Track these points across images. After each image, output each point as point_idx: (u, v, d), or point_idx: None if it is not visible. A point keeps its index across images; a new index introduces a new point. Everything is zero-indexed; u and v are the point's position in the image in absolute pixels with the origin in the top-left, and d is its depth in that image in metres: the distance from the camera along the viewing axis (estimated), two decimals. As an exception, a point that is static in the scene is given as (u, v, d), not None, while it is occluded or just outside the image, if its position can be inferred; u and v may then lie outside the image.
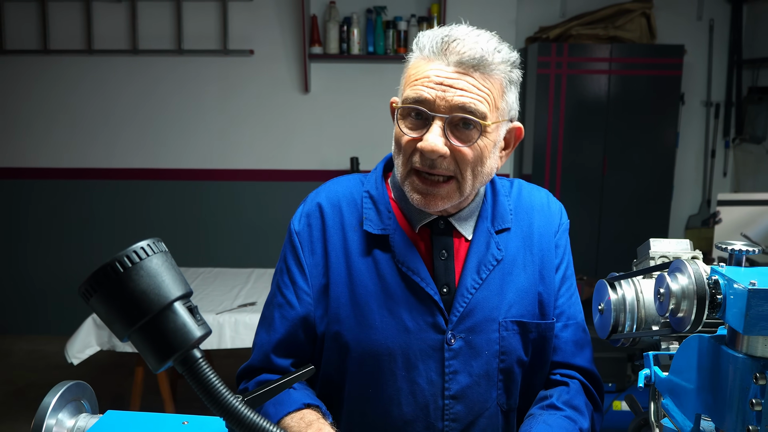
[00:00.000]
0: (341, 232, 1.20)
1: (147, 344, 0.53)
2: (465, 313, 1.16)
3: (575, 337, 1.24)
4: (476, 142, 1.08)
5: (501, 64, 1.10)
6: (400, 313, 1.15)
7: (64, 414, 0.70)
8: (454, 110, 1.07)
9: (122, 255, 0.53)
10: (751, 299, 0.69)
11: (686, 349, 0.83)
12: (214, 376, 0.54)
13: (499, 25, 4.32)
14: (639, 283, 0.99)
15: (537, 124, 4.13)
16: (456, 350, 1.16)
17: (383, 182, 1.24)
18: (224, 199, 4.52)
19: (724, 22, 4.53)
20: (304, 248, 1.21)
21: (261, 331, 1.24)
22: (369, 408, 1.19)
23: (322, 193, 1.25)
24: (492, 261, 1.18)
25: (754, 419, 0.72)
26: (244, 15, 4.32)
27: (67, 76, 4.38)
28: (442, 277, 1.17)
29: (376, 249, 1.18)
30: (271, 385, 0.70)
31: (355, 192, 1.24)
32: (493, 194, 1.25)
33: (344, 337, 1.17)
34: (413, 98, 1.08)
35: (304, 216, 1.23)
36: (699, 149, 4.68)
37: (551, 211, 1.28)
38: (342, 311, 1.17)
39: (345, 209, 1.22)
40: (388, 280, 1.17)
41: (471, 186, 1.12)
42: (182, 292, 0.54)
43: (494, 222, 1.22)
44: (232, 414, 0.54)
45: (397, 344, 1.15)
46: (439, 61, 1.08)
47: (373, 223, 1.19)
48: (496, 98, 1.10)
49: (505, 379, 1.20)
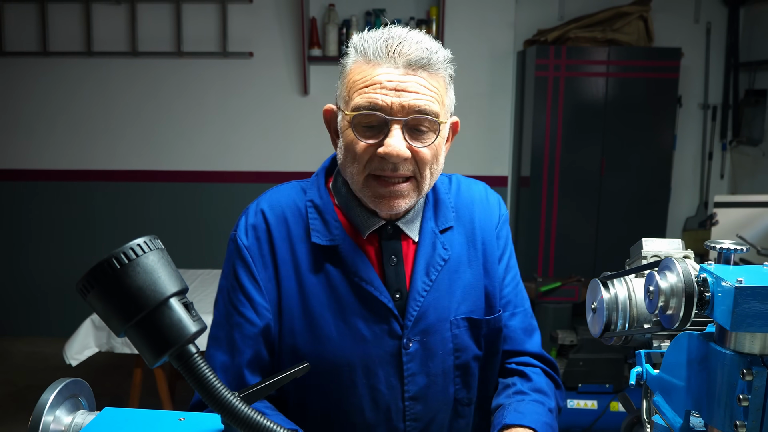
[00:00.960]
0: (288, 244, 1.18)
1: (143, 339, 0.54)
2: (418, 317, 1.18)
3: (523, 324, 1.29)
4: (433, 143, 1.11)
5: (443, 62, 1.12)
6: (355, 323, 1.16)
7: (61, 411, 0.70)
8: (410, 113, 1.08)
9: (119, 252, 0.54)
10: (738, 296, 0.70)
11: (676, 346, 0.84)
12: (210, 371, 0.55)
13: (497, 28, 4.34)
14: (631, 282, 1.00)
15: (535, 127, 4.14)
16: (412, 354, 1.18)
17: (326, 190, 1.23)
18: (224, 200, 4.53)
19: (721, 25, 4.55)
20: (256, 263, 1.17)
21: (217, 354, 1.17)
22: (331, 418, 1.19)
23: (264, 204, 1.22)
24: (439, 261, 1.20)
25: (741, 414, 0.73)
26: (244, 17, 4.33)
27: (67, 78, 4.39)
28: (394, 283, 1.18)
29: (325, 260, 1.17)
30: (266, 382, 0.71)
31: (298, 201, 1.22)
32: (434, 192, 1.26)
33: (300, 351, 1.16)
34: (367, 105, 1.08)
35: (251, 229, 1.19)
36: (696, 151, 4.70)
37: (490, 204, 1.30)
38: (296, 325, 1.16)
39: (290, 220, 1.20)
40: (340, 291, 1.16)
41: (427, 185, 1.14)
42: (178, 288, 0.55)
43: (437, 221, 1.23)
44: (228, 408, 0.55)
45: (356, 354, 1.16)
46: (387, 65, 1.09)
47: (321, 235, 1.17)
48: (443, 96, 1.13)
49: (462, 374, 1.23)
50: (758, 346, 0.74)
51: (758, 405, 0.73)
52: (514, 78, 4.51)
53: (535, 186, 4.16)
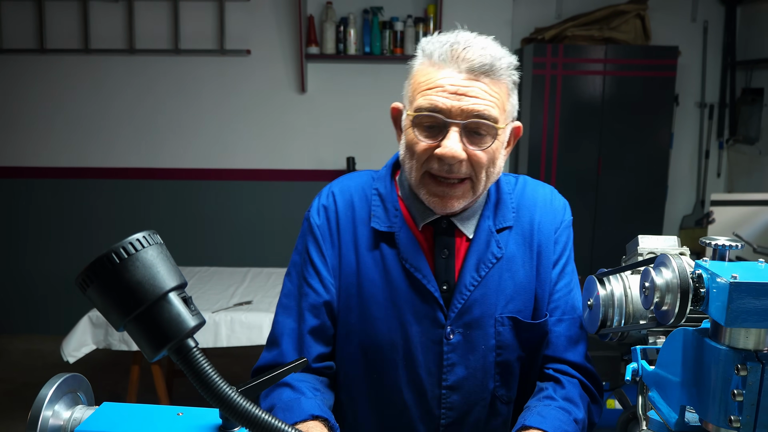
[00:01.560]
0: (352, 226, 1.26)
1: (142, 333, 0.55)
2: (463, 310, 1.21)
3: (569, 332, 1.27)
4: (490, 146, 1.14)
5: (506, 69, 1.15)
6: (402, 306, 1.21)
7: (60, 406, 0.71)
8: (469, 117, 1.11)
9: (118, 246, 0.54)
10: (733, 292, 0.70)
11: (671, 342, 0.85)
12: (209, 365, 0.55)
13: (494, 26, 4.34)
14: (627, 278, 1.01)
15: (532, 125, 4.15)
16: (454, 344, 1.21)
17: (392, 181, 1.29)
18: (221, 198, 4.53)
19: (718, 24, 4.55)
20: (325, 241, 1.26)
21: (286, 321, 1.26)
22: (373, 392, 1.26)
23: (337, 187, 1.31)
24: (491, 259, 1.23)
25: (736, 409, 0.74)
26: (241, 15, 4.33)
27: (64, 76, 4.38)
28: (443, 275, 1.22)
29: (383, 244, 1.24)
30: (265, 377, 0.71)
31: (366, 187, 1.30)
32: (497, 192, 1.28)
33: (351, 326, 1.24)
34: (428, 107, 1.12)
35: (322, 209, 1.28)
36: (693, 150, 4.71)
37: (554, 207, 1.31)
38: (351, 301, 1.24)
39: (357, 204, 1.28)
40: (392, 275, 1.22)
41: (484, 186, 1.18)
42: (177, 282, 0.55)
43: (496, 221, 1.25)
44: (226, 402, 0.55)
45: (399, 336, 1.22)
46: (450, 68, 1.12)
47: (380, 221, 1.25)
48: (504, 102, 1.16)
49: (503, 372, 1.25)
50: (753, 342, 0.74)
51: (753, 400, 0.73)
52: (511, 76, 4.51)
53: (532, 184, 4.16)
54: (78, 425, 0.69)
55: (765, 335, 0.74)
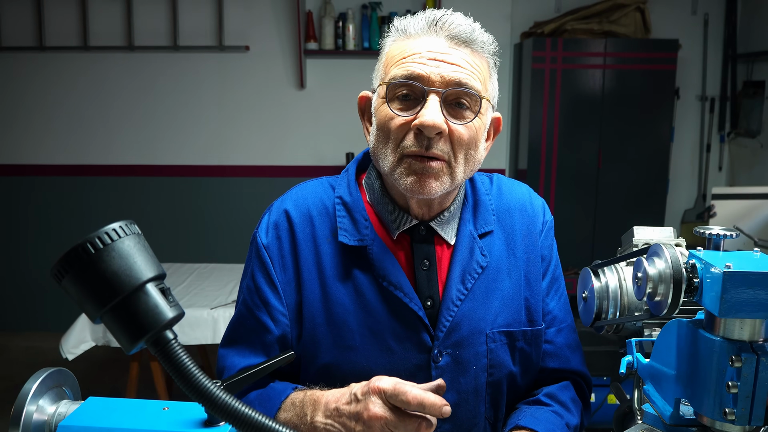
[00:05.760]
0: (313, 245, 1.10)
1: (119, 325, 0.53)
2: (451, 328, 1.07)
3: (568, 340, 1.20)
4: (472, 122, 1.02)
5: (487, 44, 1.07)
6: (382, 332, 1.07)
7: (45, 400, 0.70)
8: (449, 85, 1.00)
9: (93, 236, 0.53)
10: (727, 282, 0.69)
11: (666, 334, 0.84)
12: (187, 358, 0.54)
13: (494, 20, 4.32)
14: (622, 270, 1.00)
15: (532, 119, 4.13)
16: (443, 367, 1.08)
17: (357, 186, 1.14)
18: (220, 194, 4.52)
19: (718, 17, 4.53)
20: (274, 264, 1.10)
21: (232, 355, 1.12)
22: None
23: (289, 201, 1.14)
24: (477, 269, 1.10)
25: (730, 402, 0.72)
26: (240, 11, 4.31)
27: (64, 73, 4.38)
28: (425, 289, 1.08)
29: (352, 262, 1.08)
30: (250, 370, 0.70)
31: (325, 198, 1.13)
32: (473, 193, 1.16)
33: (323, 360, 1.08)
34: (404, 75, 1.01)
35: (272, 227, 1.12)
36: (694, 143, 4.69)
37: (534, 208, 1.19)
38: (318, 332, 1.08)
39: (316, 219, 1.11)
40: (367, 296, 1.07)
41: (462, 172, 1.05)
42: (154, 273, 0.54)
43: (477, 225, 1.13)
44: (204, 395, 0.54)
45: (381, 366, 1.06)
46: (428, 37, 1.04)
47: (348, 234, 1.08)
48: (486, 78, 1.06)
49: (493, 393, 1.13)
50: (747, 333, 0.73)
51: (747, 392, 0.72)
52: (510, 71, 4.49)
53: (532, 179, 4.15)
54: (62, 420, 0.68)
55: (760, 326, 0.72)
